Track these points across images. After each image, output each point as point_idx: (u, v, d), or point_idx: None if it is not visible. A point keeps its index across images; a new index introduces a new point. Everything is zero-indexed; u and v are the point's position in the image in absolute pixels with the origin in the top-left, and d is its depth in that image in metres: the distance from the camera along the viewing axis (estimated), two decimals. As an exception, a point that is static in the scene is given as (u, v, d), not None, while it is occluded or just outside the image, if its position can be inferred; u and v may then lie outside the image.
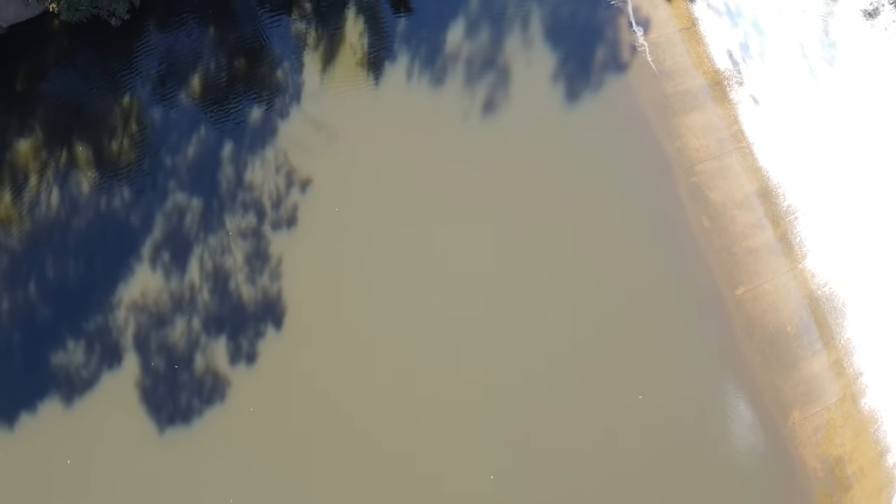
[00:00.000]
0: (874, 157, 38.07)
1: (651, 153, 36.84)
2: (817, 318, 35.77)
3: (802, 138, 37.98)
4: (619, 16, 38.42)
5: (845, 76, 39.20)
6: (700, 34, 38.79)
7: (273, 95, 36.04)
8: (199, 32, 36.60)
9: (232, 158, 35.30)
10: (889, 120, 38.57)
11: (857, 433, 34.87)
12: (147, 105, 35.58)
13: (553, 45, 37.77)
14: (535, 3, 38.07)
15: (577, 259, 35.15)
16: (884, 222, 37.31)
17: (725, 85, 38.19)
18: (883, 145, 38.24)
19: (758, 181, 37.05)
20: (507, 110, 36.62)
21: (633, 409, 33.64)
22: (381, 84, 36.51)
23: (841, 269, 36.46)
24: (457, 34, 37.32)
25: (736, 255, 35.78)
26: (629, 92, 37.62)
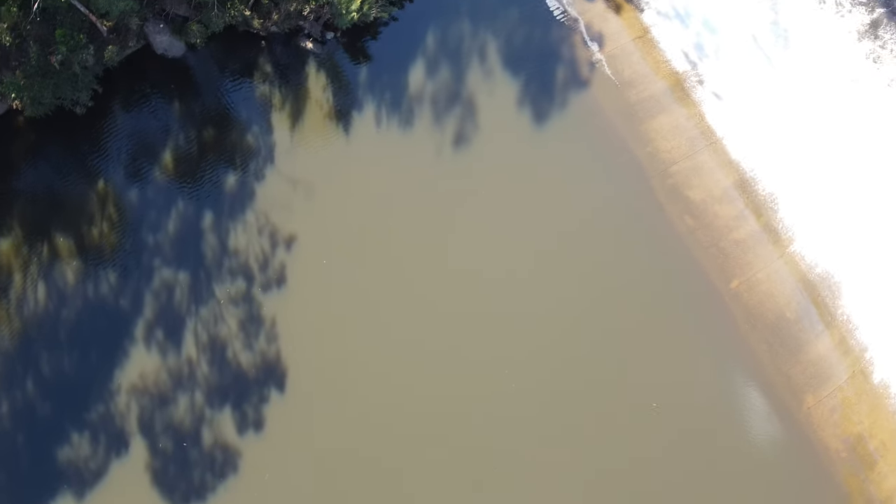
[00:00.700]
0: (841, 133, 38.77)
1: (625, 161, 37.27)
2: (814, 299, 35.92)
3: (769, 125, 38.65)
4: (572, 34, 39.21)
5: (802, 60, 40.10)
6: (654, 41, 39.63)
7: (246, 159, 36.20)
8: (164, 108, 36.86)
9: (213, 227, 35.24)
10: (849, 95, 39.41)
11: (873, 408, 34.75)
12: (122, 187, 35.58)
13: (513, 71, 38.40)
14: (489, 33, 38.76)
15: (568, 276, 35.19)
16: (862, 195, 37.86)
17: (686, 85, 38.90)
18: (847, 121, 38.97)
19: (733, 174, 37.50)
20: (477, 140, 37.02)
21: (649, 419, 33.43)
22: (351, 133, 36.83)
23: (829, 248, 36.80)
24: (418, 74, 37.88)
25: (724, 250, 36.01)
26: (594, 105, 38.20)
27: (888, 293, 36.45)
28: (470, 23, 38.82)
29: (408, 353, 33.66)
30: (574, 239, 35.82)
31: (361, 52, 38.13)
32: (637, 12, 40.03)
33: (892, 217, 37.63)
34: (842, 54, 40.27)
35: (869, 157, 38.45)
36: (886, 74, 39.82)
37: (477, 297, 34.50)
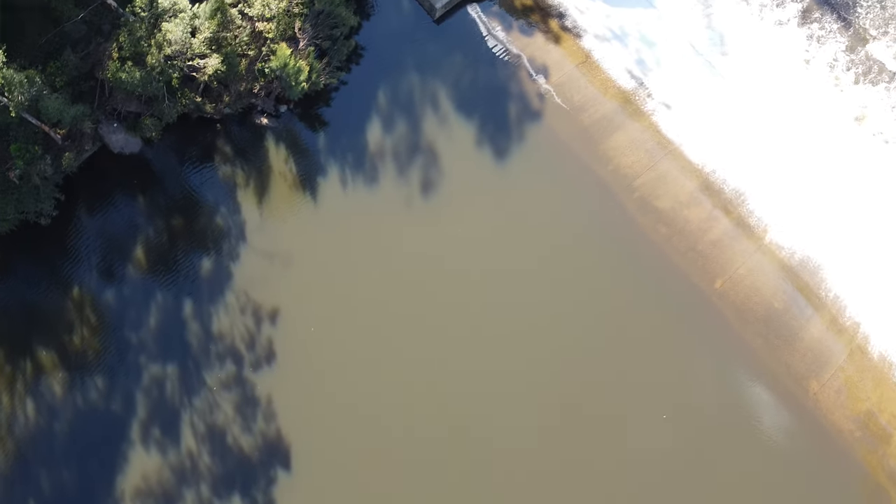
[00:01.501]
0: (792, 119, 39.89)
1: (590, 183, 37.84)
2: (798, 285, 36.28)
3: (722, 125, 39.62)
4: (517, 70, 40.19)
5: (741, 58, 41.40)
6: (596, 64, 40.72)
7: (218, 242, 36.19)
8: (129, 205, 36.89)
9: (195, 315, 34.98)
10: (795, 81, 40.71)
11: (877, 382, 34.83)
12: (97, 290, 35.29)
13: (467, 114, 39.13)
14: (437, 81, 39.59)
15: (557, 303, 35.31)
16: (822, 176, 38.72)
17: (636, 101, 39.87)
18: (796, 106, 40.14)
19: (697, 177, 38.21)
20: (444, 185, 37.45)
21: (661, 430, 33.23)
22: (319, 198, 37.07)
23: (803, 232, 37.38)
24: (376, 131, 38.44)
25: (702, 252, 36.42)
26: (550, 134, 38.92)
27: (868, 266, 36.95)
28: (417, 74, 39.67)
29: (409, 412, 33.39)
30: (556, 265, 36.05)
31: (317, 119, 38.71)
32: (576, 39, 41.21)
33: (856, 192, 38.41)
34: (780, 44, 41.64)
35: (822, 137, 39.48)
36: (828, 55, 41.17)
37: (471, 345, 34.44)
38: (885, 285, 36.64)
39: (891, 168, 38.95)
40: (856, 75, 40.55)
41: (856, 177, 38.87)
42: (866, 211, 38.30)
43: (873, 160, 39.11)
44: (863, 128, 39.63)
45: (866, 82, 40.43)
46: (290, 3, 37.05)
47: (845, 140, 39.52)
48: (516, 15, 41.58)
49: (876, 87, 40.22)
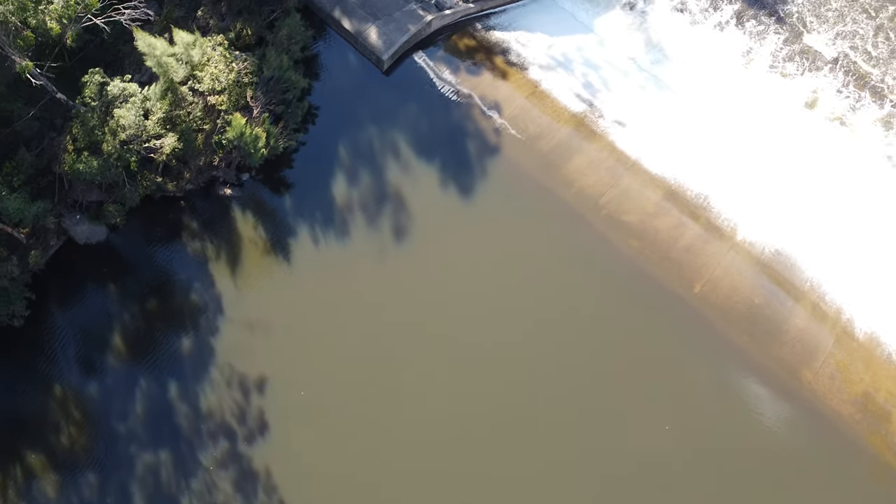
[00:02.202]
0: (744, 116, 41.15)
1: (557, 207, 38.25)
2: (775, 278, 36.72)
3: (676, 133, 40.59)
4: (471, 109, 40.93)
5: (683, 68, 42.73)
6: (546, 93, 41.65)
7: (195, 319, 35.79)
8: (101, 294, 36.48)
9: (181, 396, 34.36)
10: (736, 82, 42.06)
11: (868, 362, 35.06)
12: (79, 385, 34.58)
13: (428, 158, 39.62)
14: (394, 130, 40.15)
15: (544, 329, 35.29)
16: (781, 168, 39.72)
17: (589, 123, 40.71)
18: (743, 105, 41.38)
19: (660, 188, 38.84)
20: (415, 230, 37.64)
21: (665, 441, 33.04)
22: (293, 260, 36.99)
23: (771, 225, 38.03)
24: (340, 187, 38.69)
25: (676, 259, 36.79)
26: (512, 166, 39.46)
27: (839, 248, 37.65)
28: (374, 125, 40.23)
29: (412, 465, 32.85)
30: (536, 293, 36.11)
31: (280, 182, 38.91)
32: (522, 72, 42.20)
33: (817, 177, 39.44)
34: (720, 47, 43.09)
35: (777, 129, 40.67)
36: (769, 51, 42.67)
37: (464, 388, 34.11)
38: (858, 265, 37.27)
39: (847, 148, 40.11)
40: (798, 65, 42.10)
41: (815, 162, 39.96)
42: (830, 194, 39.24)
43: (830, 143, 40.33)
44: (816, 112, 41.02)
45: (810, 70, 41.94)
46: (239, 73, 37.58)
47: (800, 128, 40.79)
48: (462, 57, 42.56)
49: (821, 73, 41.85)
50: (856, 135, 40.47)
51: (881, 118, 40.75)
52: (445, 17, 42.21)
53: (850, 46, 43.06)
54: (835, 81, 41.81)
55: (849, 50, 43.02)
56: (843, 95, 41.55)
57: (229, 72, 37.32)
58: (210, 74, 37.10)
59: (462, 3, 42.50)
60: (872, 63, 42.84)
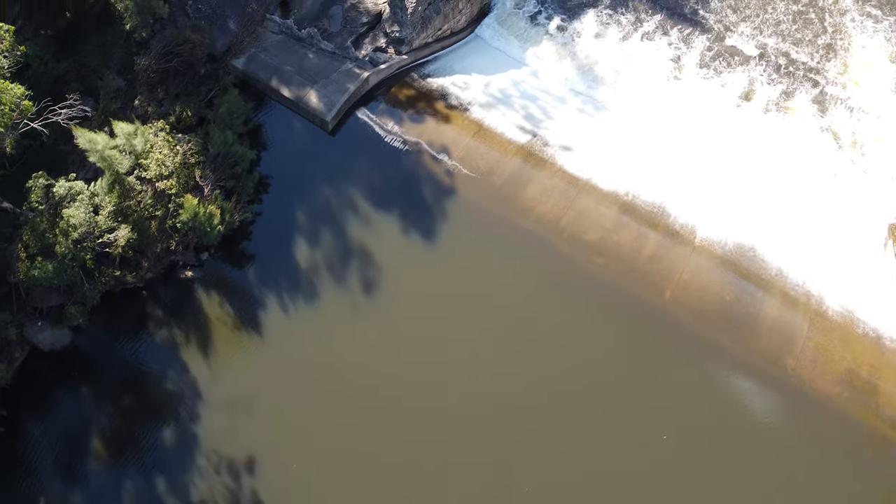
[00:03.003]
0: (684, 123, 42.62)
1: (520, 237, 38.61)
2: (741, 273, 37.29)
3: (621, 148, 41.64)
4: (420, 156, 41.42)
5: (617, 85, 44.16)
6: (490, 129, 42.46)
7: (174, 408, 34.90)
8: (74, 399, 35.48)
9: (169, 491, 33.24)
10: (670, 89, 43.74)
11: (845, 340, 35.53)
12: (63, 496, 33.28)
13: (386, 209, 39.81)
14: (348, 187, 40.34)
15: (526, 360, 35.17)
16: (729, 162, 41.18)
17: (535, 152, 41.47)
18: (682, 110, 42.97)
19: (615, 204, 39.49)
20: (384, 280, 37.54)
21: (664, 449, 32.89)
22: (265, 332, 36.48)
23: (728, 221, 38.87)
24: (303, 251, 38.56)
25: (643, 269, 37.21)
26: (469, 204, 39.85)
27: (796, 231, 38.66)
28: (328, 186, 40.41)
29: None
30: (512, 324, 36.13)
31: (241, 255, 38.64)
32: (464, 113, 43.03)
33: (763, 166, 40.95)
34: (649, 59, 44.83)
35: (717, 126, 42.36)
36: (696, 55, 44.55)
37: (455, 439, 33.63)
38: (817, 244, 38.24)
39: (787, 132, 41.92)
40: (728, 63, 44.37)
41: (759, 151, 41.45)
42: (777, 179, 40.55)
43: (770, 131, 42.05)
44: (752, 104, 42.89)
45: (740, 66, 44.32)
46: (185, 155, 37.64)
47: (740, 122, 42.49)
48: (404, 107, 43.29)
49: (750, 66, 44.28)
50: (793, 118, 42.36)
51: (814, 98, 43.02)
52: (381, 71, 43.03)
53: (775, 34, 45.54)
54: (765, 72, 44.01)
55: (773, 39, 45.42)
56: (775, 83, 43.71)
57: (174, 155, 37.36)
58: (155, 161, 37.08)
59: (395, 56, 43.41)
60: (798, 48, 45.11)
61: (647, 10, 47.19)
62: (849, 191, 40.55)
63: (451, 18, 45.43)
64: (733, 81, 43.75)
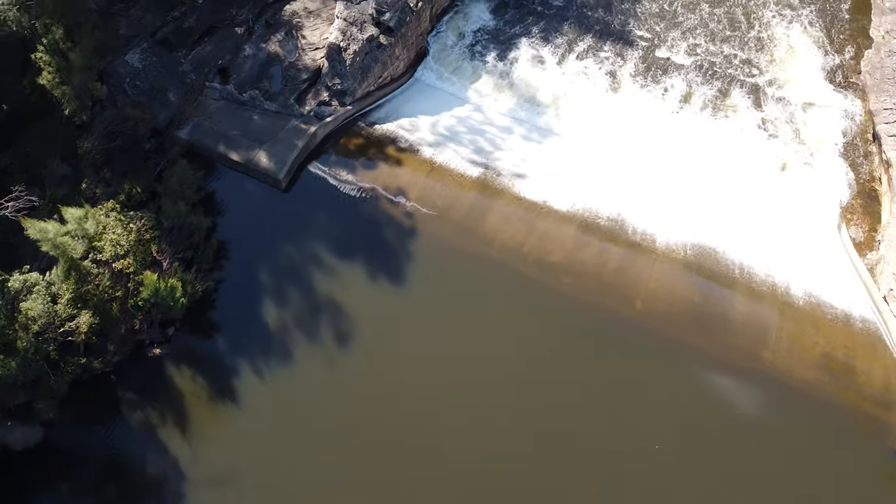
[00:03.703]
0: (629, 135, 43.82)
1: (486, 267, 38.76)
2: (705, 273, 37.89)
3: (572, 169, 42.48)
4: (378, 201, 41.54)
5: (559, 108, 45.18)
6: (443, 166, 42.90)
7: (159, 493, 33.69)
8: (51, 497, 34.15)
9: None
10: (610, 105, 45.09)
11: (815, 325, 36.15)
12: None
13: (350, 258, 39.67)
14: (310, 241, 40.15)
15: (511, 390, 35.04)
16: (677, 166, 42.36)
17: (490, 183, 41.97)
18: (625, 123, 44.25)
19: (573, 223, 40.00)
20: (357, 330, 37.18)
21: (657, 456, 32.87)
22: (242, 401, 35.68)
23: (685, 225, 39.67)
24: (271, 312, 38.07)
25: (610, 283, 37.56)
26: (432, 241, 39.96)
27: (748, 224, 39.72)
28: (289, 243, 40.17)
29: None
30: (492, 353, 36.01)
31: (208, 325, 37.98)
32: (415, 155, 43.45)
33: (710, 164, 42.22)
34: (586, 80, 46.23)
35: (660, 133, 43.68)
36: (630, 70, 45.96)
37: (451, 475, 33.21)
38: (773, 237, 39.20)
39: (729, 130, 43.55)
40: (662, 72, 46.16)
41: (705, 152, 42.73)
42: (727, 178, 41.68)
43: (711, 130, 43.62)
44: (691, 107, 44.57)
45: (673, 73, 46.22)
46: (139, 232, 37.21)
47: (682, 126, 43.95)
48: (355, 156, 43.55)
49: (683, 72, 46.15)
50: (732, 116, 44.09)
51: (749, 94, 45.02)
52: (328, 124, 43.36)
53: (703, 37, 48.11)
54: (699, 75, 45.93)
55: (703, 42, 47.96)
56: (710, 85, 45.61)
57: (128, 233, 36.92)
58: (110, 241, 36.57)
59: (340, 108, 43.83)
60: (727, 47, 47.08)
61: (577, 33, 48.71)
62: (796, 179, 41.77)
63: (389, 65, 46.16)
64: (670, 88, 45.30)
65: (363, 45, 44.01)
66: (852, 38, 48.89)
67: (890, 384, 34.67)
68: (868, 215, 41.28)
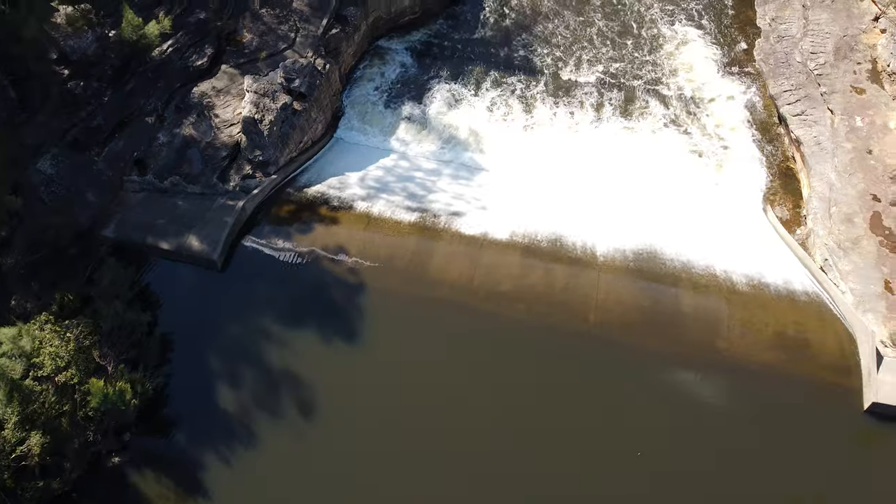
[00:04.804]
0: (554, 158, 45.26)
1: (439, 309, 38.61)
2: (649, 276, 38.73)
3: (506, 199, 43.34)
4: (319, 262, 40.99)
5: (479, 146, 46.28)
6: (379, 217, 42.88)
7: None
8: None
9: None
10: (530, 131, 46.62)
11: (762, 306, 37.23)
12: None
13: (301, 326, 38.86)
14: (256, 316, 39.25)
15: (482, 426, 34.79)
16: (604, 179, 43.87)
17: (428, 226, 42.16)
18: (547, 147, 45.76)
19: (516, 250, 40.48)
20: (319, 399, 36.36)
21: (638, 465, 32.97)
22: (211, 492, 34.17)
23: (621, 234, 40.72)
24: (227, 397, 36.86)
25: (561, 302, 37.97)
26: (381, 293, 39.58)
27: (677, 220, 41.25)
28: (234, 321, 39.23)
29: None
30: (459, 393, 35.84)
31: (164, 423, 36.38)
32: (350, 211, 43.40)
33: (634, 172, 44.03)
34: (501, 113, 47.63)
35: (580, 150, 45.62)
36: (542, 96, 47.64)
37: None
38: (705, 229, 40.74)
39: (645, 134, 45.83)
40: (570, 91, 48.52)
41: (627, 159, 44.43)
42: (653, 180, 43.34)
43: (630, 138, 45.70)
44: (605, 119, 46.75)
45: (582, 90, 48.20)
46: (78, 340, 35.91)
47: (600, 138, 45.89)
48: (288, 222, 43.18)
49: (590, 88, 48.36)
50: (645, 119, 46.47)
51: (655, 97, 47.61)
52: (256, 196, 43.03)
53: (603, 51, 49.93)
54: (606, 87, 48.06)
55: (604, 56, 50.22)
56: (618, 95, 47.71)
57: (67, 344, 35.56)
58: (49, 355, 35.10)
59: (265, 179, 43.62)
60: (627, 56, 49.49)
61: (484, 70, 50.23)
62: (715, 172, 43.56)
63: (308, 129, 46.37)
64: (580, 104, 47.26)
65: (278, 113, 44.16)
66: (741, 29, 51.77)
67: (844, 350, 35.82)
68: (789, 193, 43.15)
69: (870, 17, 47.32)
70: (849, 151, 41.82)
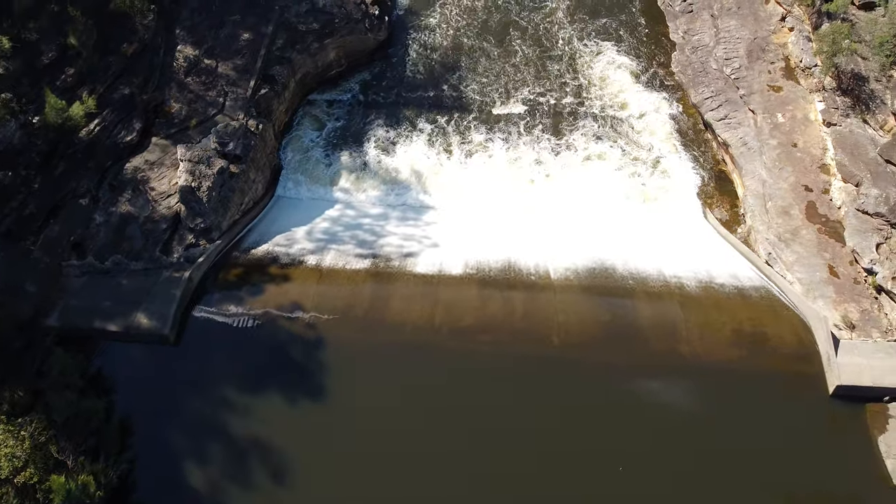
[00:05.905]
0: (494, 194, 45.94)
1: (405, 353, 38.29)
2: (603, 291, 39.34)
3: (455, 235, 43.60)
4: (276, 322, 40.11)
5: (424, 186, 46.71)
6: (332, 269, 42.43)
7: None
8: None
9: None
10: (472, 170, 47.23)
11: (717, 306, 38.11)
12: None
13: (262, 390, 37.86)
14: (216, 387, 38.06)
15: (457, 464, 34.32)
16: (545, 206, 44.79)
17: (382, 270, 41.97)
18: (484, 181, 46.64)
19: (472, 283, 40.60)
20: (290, 462, 35.38)
21: (620, 479, 32.98)
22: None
23: (571, 253, 41.38)
24: (195, 475, 35.43)
25: (523, 329, 38.04)
26: (344, 344, 38.95)
27: (629, 238, 42.12)
28: (193, 396, 37.91)
29: None
30: (432, 435, 35.52)
31: (134, 511, 35.05)
32: (301, 266, 42.85)
33: (576, 199, 44.98)
34: (439, 153, 48.28)
35: (520, 181, 46.74)
36: (473, 133, 48.56)
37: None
38: (650, 238, 41.95)
39: (576, 156, 47.64)
40: (503, 123, 49.90)
41: (568, 181, 46.08)
42: (595, 198, 44.87)
43: (568, 159, 47.23)
44: (542, 144, 48.27)
45: (513, 121, 49.81)
46: (34, 437, 34.28)
47: (536, 163, 47.40)
48: (238, 286, 42.33)
49: (522, 117, 50.03)
50: (575, 142, 48.11)
51: (584, 117, 49.58)
52: (201, 264, 42.19)
53: (529, 80, 52.09)
54: (538, 115, 49.69)
55: (530, 84, 51.99)
56: (551, 120, 49.38)
57: (22, 442, 33.86)
58: (5, 457, 33.35)
59: (209, 246, 42.88)
60: (553, 83, 51.23)
61: (417, 113, 51.01)
62: (651, 182, 44.78)
63: (248, 191, 45.96)
64: (514, 133, 48.68)
65: (215, 178, 43.67)
66: (657, 45, 53.81)
67: (801, 339, 36.77)
68: (725, 195, 44.63)
69: (776, 18, 49.82)
70: (775, 147, 43.53)
